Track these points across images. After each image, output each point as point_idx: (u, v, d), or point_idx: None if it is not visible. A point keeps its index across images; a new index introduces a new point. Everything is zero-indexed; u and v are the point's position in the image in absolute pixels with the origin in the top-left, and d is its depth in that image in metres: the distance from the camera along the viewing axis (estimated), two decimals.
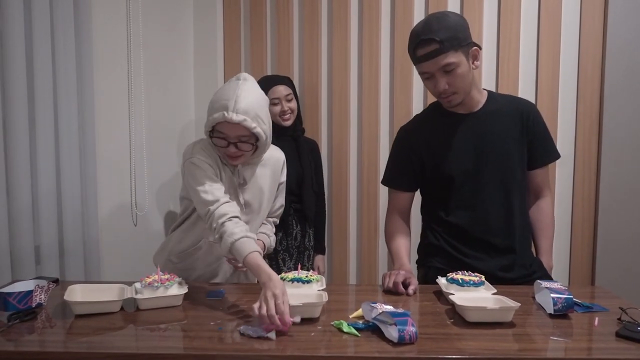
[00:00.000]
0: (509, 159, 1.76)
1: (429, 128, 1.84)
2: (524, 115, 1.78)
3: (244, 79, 1.68)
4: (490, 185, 1.75)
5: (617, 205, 2.60)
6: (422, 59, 1.65)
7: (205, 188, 1.62)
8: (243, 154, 1.70)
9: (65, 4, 2.03)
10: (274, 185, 1.93)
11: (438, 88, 1.68)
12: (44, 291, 1.49)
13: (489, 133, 1.76)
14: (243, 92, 1.62)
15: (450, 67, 1.63)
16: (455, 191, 1.78)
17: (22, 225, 1.89)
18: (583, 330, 1.32)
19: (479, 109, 1.79)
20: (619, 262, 2.61)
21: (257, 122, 1.63)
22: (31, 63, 1.91)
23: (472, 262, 1.76)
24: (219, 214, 1.56)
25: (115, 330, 1.33)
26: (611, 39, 2.56)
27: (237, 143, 1.66)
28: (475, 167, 1.75)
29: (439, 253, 1.83)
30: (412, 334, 1.20)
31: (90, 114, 2.17)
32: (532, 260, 1.83)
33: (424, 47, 1.63)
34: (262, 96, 1.71)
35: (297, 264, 2.55)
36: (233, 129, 1.63)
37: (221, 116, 1.60)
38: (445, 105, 1.77)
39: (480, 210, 1.76)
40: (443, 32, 1.60)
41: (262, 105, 1.68)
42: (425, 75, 1.69)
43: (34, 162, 1.95)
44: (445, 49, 1.60)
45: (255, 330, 1.27)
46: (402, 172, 1.88)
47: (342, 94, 2.86)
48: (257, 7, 2.92)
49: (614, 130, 2.59)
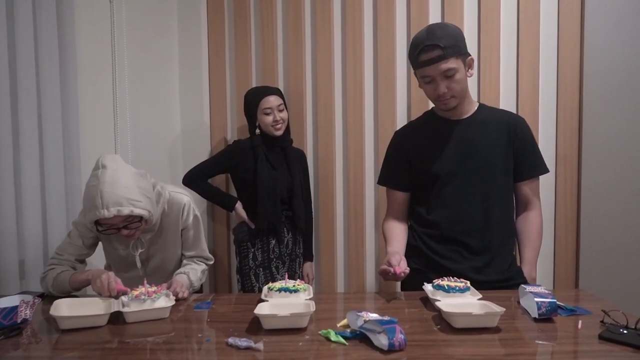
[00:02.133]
0: (491, 165, 1.82)
1: (420, 131, 1.94)
2: (511, 127, 1.85)
3: (102, 167, 1.64)
4: (471, 188, 1.82)
5: (599, 210, 2.65)
6: (426, 64, 1.73)
7: (60, 249, 1.84)
8: (137, 229, 1.74)
9: (48, 15, 2.03)
10: (176, 232, 1.94)
11: (438, 91, 1.77)
12: (29, 306, 1.47)
13: (474, 139, 1.83)
14: (105, 185, 1.60)
15: (450, 72, 1.73)
16: (437, 190, 1.85)
17: (6, 239, 1.88)
18: (567, 333, 1.34)
19: (469, 116, 1.87)
20: (602, 265, 2.65)
21: (133, 205, 1.63)
22: (14, 74, 1.90)
23: (446, 263, 1.82)
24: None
25: (102, 344, 1.31)
26: (588, 47, 2.61)
27: (127, 225, 1.69)
28: (458, 169, 1.82)
29: (416, 253, 1.89)
30: (401, 341, 1.21)
31: (74, 126, 2.16)
32: (510, 266, 1.86)
33: (427, 52, 1.72)
34: (127, 175, 1.66)
35: (289, 270, 2.57)
36: (113, 220, 1.65)
37: (94, 216, 1.62)
38: (441, 107, 1.84)
39: (458, 210, 1.83)
40: (446, 40, 1.70)
41: (129, 186, 1.64)
42: (427, 79, 1.78)
43: (18, 176, 1.93)
44: (447, 55, 1.70)
45: (243, 341, 1.27)
46: (395, 171, 1.97)
47: (327, 102, 2.87)
48: (241, 17, 2.93)
49: (594, 136, 2.64)
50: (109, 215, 1.60)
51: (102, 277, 1.60)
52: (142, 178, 1.73)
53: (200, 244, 2.00)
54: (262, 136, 2.56)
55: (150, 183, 1.78)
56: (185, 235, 1.96)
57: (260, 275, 2.52)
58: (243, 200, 2.60)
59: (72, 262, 1.82)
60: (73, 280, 1.73)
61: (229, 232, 3.01)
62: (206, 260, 2.03)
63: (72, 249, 1.83)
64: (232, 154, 2.60)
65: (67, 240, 1.84)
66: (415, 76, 1.84)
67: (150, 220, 1.74)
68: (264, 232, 2.53)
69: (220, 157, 2.65)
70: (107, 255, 1.98)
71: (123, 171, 1.66)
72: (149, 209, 1.69)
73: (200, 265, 1.98)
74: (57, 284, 1.74)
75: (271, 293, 1.57)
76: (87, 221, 1.69)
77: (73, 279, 1.73)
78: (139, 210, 1.65)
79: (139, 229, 1.75)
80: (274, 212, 2.52)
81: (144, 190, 1.70)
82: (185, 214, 1.92)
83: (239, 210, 2.58)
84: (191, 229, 1.96)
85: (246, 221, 2.55)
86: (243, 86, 2.91)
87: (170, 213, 1.89)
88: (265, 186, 2.50)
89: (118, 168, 1.66)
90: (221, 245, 3.04)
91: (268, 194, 2.50)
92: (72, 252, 1.83)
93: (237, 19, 2.94)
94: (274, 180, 2.52)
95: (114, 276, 1.62)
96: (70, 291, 1.75)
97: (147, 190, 1.72)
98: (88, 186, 1.65)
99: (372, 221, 2.89)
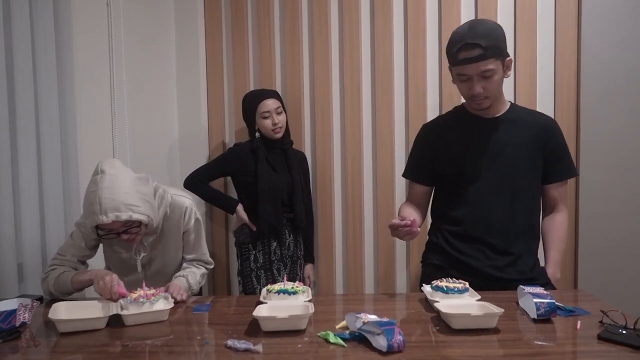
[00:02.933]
0: (519, 166, 1.81)
1: (449, 127, 1.92)
2: (543, 129, 1.84)
3: (101, 172, 1.65)
4: (497, 188, 1.81)
5: (598, 211, 2.65)
6: (465, 62, 1.70)
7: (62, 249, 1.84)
8: (137, 234, 1.74)
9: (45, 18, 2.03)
10: (178, 235, 1.93)
11: (473, 91, 1.74)
12: (27, 310, 1.47)
13: (503, 138, 1.82)
14: (103, 191, 1.60)
15: (489, 73, 1.70)
16: (463, 188, 1.84)
17: (4, 243, 1.87)
18: (566, 334, 1.34)
19: (499, 115, 1.86)
20: (600, 266, 2.65)
21: (131, 210, 1.63)
22: (12, 78, 1.90)
23: (468, 260, 1.81)
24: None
25: (101, 347, 1.31)
26: (586, 47, 2.62)
27: (127, 230, 1.70)
28: (485, 169, 1.81)
29: (437, 250, 1.89)
30: (400, 343, 1.21)
31: (72, 130, 2.16)
32: (533, 267, 1.85)
33: (467, 50, 1.68)
34: (126, 180, 1.66)
35: (290, 272, 2.57)
36: (112, 225, 1.65)
37: (94, 221, 1.62)
38: (474, 107, 1.82)
39: (482, 208, 1.81)
40: (488, 39, 1.66)
41: (128, 191, 1.64)
42: (463, 77, 1.74)
43: (16, 180, 1.93)
44: (488, 55, 1.67)
45: (242, 343, 1.27)
46: (419, 165, 1.97)
47: (324, 105, 2.88)
48: (238, 21, 2.93)
49: (592, 136, 2.64)
50: (108, 221, 1.60)
51: (106, 279, 1.59)
52: (141, 182, 1.72)
53: (201, 248, 2.00)
54: (262, 138, 2.56)
55: (151, 187, 1.78)
56: (186, 239, 1.96)
57: (262, 277, 2.52)
58: (244, 202, 2.60)
59: (74, 263, 1.81)
60: (75, 280, 1.72)
61: (228, 234, 3.01)
62: (206, 264, 2.02)
63: (75, 249, 1.82)
64: (232, 156, 2.60)
65: (70, 241, 1.83)
66: (450, 71, 1.81)
67: (150, 224, 1.73)
68: (265, 234, 2.53)
69: (221, 160, 2.65)
70: (107, 258, 1.97)
71: (122, 176, 1.66)
72: (148, 214, 1.69)
73: (200, 269, 1.98)
74: (59, 284, 1.73)
75: (270, 295, 1.57)
76: (88, 227, 1.69)
77: (75, 279, 1.72)
78: (138, 215, 1.64)
79: (139, 233, 1.74)
80: (274, 214, 2.52)
81: (143, 195, 1.69)
82: (187, 217, 1.91)
83: (240, 213, 2.58)
84: (192, 233, 1.95)
85: (247, 223, 2.56)
86: (241, 89, 2.91)
87: (172, 216, 1.89)
88: (265, 188, 2.50)
89: (117, 173, 1.66)
90: (220, 247, 3.04)
91: (269, 196, 2.50)
92: (74, 253, 1.82)
93: (235, 22, 2.94)
94: (274, 182, 2.52)
95: (117, 279, 1.61)
96: (71, 292, 1.75)
97: (147, 195, 1.71)
98: (87, 192, 1.65)
99: (371, 222, 2.89)
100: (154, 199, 1.77)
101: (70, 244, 1.83)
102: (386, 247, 2.86)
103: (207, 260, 2.03)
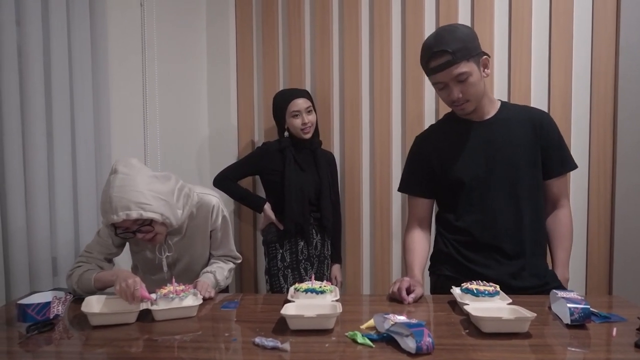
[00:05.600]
0: (518, 165, 1.77)
1: (441, 135, 1.88)
2: (536, 123, 1.79)
3: (114, 172, 1.65)
4: (499, 191, 1.77)
5: (634, 213, 2.57)
6: (436, 70, 1.69)
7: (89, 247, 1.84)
8: (156, 234, 1.73)
9: (81, 14, 2.08)
10: (205, 233, 1.93)
11: (452, 97, 1.72)
12: (61, 302, 1.51)
13: (499, 140, 1.78)
14: (114, 190, 1.61)
15: (462, 76, 1.67)
16: (464, 196, 1.80)
17: (39, 237, 1.92)
18: (601, 340, 1.30)
19: (491, 116, 1.82)
20: (637, 271, 2.57)
21: (141, 208, 1.62)
22: (49, 75, 1.95)
23: (481, 269, 1.76)
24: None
25: (131, 342, 1.34)
26: (624, 45, 2.54)
27: (141, 228, 1.69)
28: (484, 173, 1.77)
29: (448, 261, 1.85)
30: (429, 345, 1.19)
31: (106, 127, 2.21)
32: (545, 270, 1.82)
33: (436, 59, 1.67)
34: (138, 179, 1.65)
35: (317, 272, 2.57)
36: (124, 223, 1.65)
37: (107, 220, 1.64)
38: (458, 113, 1.81)
39: (488, 214, 1.77)
40: (454, 44, 1.65)
41: (140, 190, 1.63)
42: (439, 85, 1.73)
43: (51, 174, 1.98)
44: (457, 60, 1.65)
45: (270, 341, 1.27)
46: (416, 177, 1.92)
47: (353, 104, 2.87)
48: (269, 18, 2.95)
49: (629, 138, 2.56)
50: (118, 220, 1.60)
51: (129, 282, 1.53)
52: (158, 181, 1.71)
53: (229, 244, 2.01)
54: (290, 138, 2.57)
55: (171, 186, 1.75)
56: (214, 236, 1.97)
57: (289, 276, 2.53)
58: (271, 201, 2.61)
59: (100, 261, 1.81)
60: (97, 279, 1.70)
61: (256, 233, 3.03)
62: (234, 260, 2.03)
63: (101, 247, 1.83)
64: (260, 156, 2.62)
65: (97, 239, 1.84)
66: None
67: (168, 223, 1.72)
68: (292, 234, 2.54)
69: (249, 159, 2.67)
70: (134, 256, 1.99)
71: (135, 175, 1.65)
72: (161, 212, 1.66)
73: (228, 264, 1.99)
74: (82, 282, 1.72)
75: (297, 294, 1.56)
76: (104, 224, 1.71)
77: (97, 278, 1.70)
78: (149, 214, 1.63)
79: (157, 232, 1.73)
80: (301, 214, 2.52)
81: (158, 193, 1.67)
82: (214, 216, 1.92)
83: (268, 212, 2.59)
84: (220, 230, 1.96)
85: (274, 222, 2.57)
86: (270, 88, 2.93)
87: (199, 215, 1.89)
88: (292, 188, 2.50)
89: (130, 172, 1.65)
90: (248, 245, 3.06)
91: (296, 196, 2.51)
92: (101, 251, 1.82)
93: (265, 20, 2.96)
94: (301, 182, 2.52)
95: (140, 282, 1.56)
96: (94, 290, 1.72)
97: (162, 193, 1.69)
98: (103, 191, 1.67)
99: (399, 223, 2.87)
100: (173, 198, 1.74)
101: (97, 241, 1.83)
102: None
103: (235, 255, 2.03)
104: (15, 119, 1.82)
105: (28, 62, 1.86)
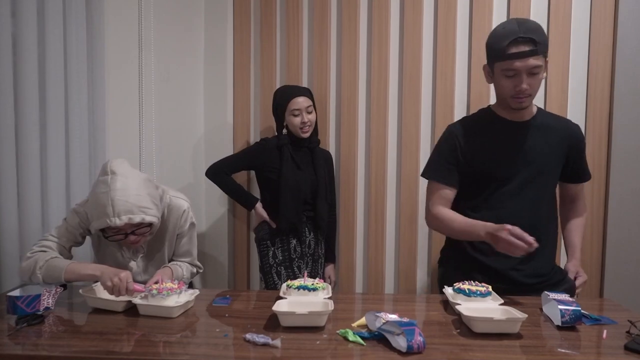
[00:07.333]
0: (545, 172, 1.80)
1: (476, 130, 1.87)
2: (572, 137, 1.86)
3: (112, 173, 1.61)
4: (523, 193, 1.79)
5: (627, 219, 2.58)
6: (516, 56, 1.66)
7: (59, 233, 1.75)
8: (143, 236, 1.71)
9: (78, 10, 2.06)
10: (172, 236, 1.87)
11: (519, 87, 1.69)
12: (51, 295, 1.50)
13: (532, 144, 1.80)
14: (116, 192, 1.58)
15: (537, 69, 1.68)
16: (486, 190, 1.82)
17: (30, 229, 1.91)
18: (591, 342, 1.31)
19: (528, 120, 1.83)
20: (628, 275, 2.58)
21: (144, 213, 1.61)
22: (43, 69, 1.93)
23: (486, 260, 1.78)
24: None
25: (121, 336, 1.33)
26: (621, 50, 2.55)
27: (135, 231, 1.67)
28: (512, 172, 1.79)
29: (460, 252, 1.86)
30: (420, 344, 1.20)
31: (101, 121, 2.19)
32: (554, 271, 1.84)
33: (520, 45, 1.65)
34: (137, 182, 1.64)
35: (312, 271, 2.56)
36: (123, 227, 1.62)
37: (105, 223, 1.58)
38: (514, 105, 1.76)
39: (506, 213, 1.77)
40: (540, 35, 1.67)
41: (140, 193, 1.62)
42: (510, 72, 1.70)
43: (44, 169, 1.96)
44: (539, 51, 1.66)
45: (261, 337, 1.27)
46: (446, 167, 1.87)
47: (350, 103, 2.86)
48: (267, 17, 2.94)
49: (624, 143, 2.57)
50: (120, 224, 1.58)
51: (121, 276, 1.53)
52: (150, 184, 1.71)
53: (192, 251, 1.94)
54: (288, 136, 2.56)
55: (156, 188, 1.76)
56: (179, 242, 1.90)
57: (283, 273, 2.52)
58: (266, 198, 2.60)
59: (66, 250, 1.74)
60: (71, 270, 1.61)
61: (249, 230, 3.02)
62: (198, 268, 1.97)
63: (70, 235, 1.74)
64: (258, 152, 2.60)
65: (65, 226, 1.75)
66: (487, 69, 1.79)
67: (156, 224, 1.72)
68: (284, 232, 2.53)
69: (247, 153, 2.65)
70: (99, 254, 1.88)
71: (133, 178, 1.64)
72: (158, 216, 1.68)
73: (190, 267, 1.92)
74: (49, 269, 1.61)
75: (290, 291, 1.56)
76: (93, 228, 1.64)
77: (71, 270, 1.61)
78: (150, 218, 1.63)
79: (146, 235, 1.72)
80: (295, 213, 2.51)
81: (153, 197, 1.68)
82: (183, 220, 1.86)
83: (259, 210, 2.58)
84: (185, 236, 1.90)
85: (267, 220, 2.55)
86: (268, 87, 2.92)
87: (170, 218, 1.84)
88: (288, 186, 2.49)
89: (128, 174, 1.63)
90: (241, 243, 3.05)
91: (291, 194, 2.50)
92: (69, 239, 1.75)
93: (263, 18, 2.95)
94: (297, 180, 2.51)
95: (130, 275, 1.56)
96: (60, 281, 1.62)
97: (155, 197, 1.70)
98: (97, 193, 1.61)
99: (393, 222, 2.87)
100: (159, 201, 1.74)
101: (65, 229, 1.75)
102: (408, 248, 2.84)
103: (197, 264, 1.96)
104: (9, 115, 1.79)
105: (22, 54, 1.83)
